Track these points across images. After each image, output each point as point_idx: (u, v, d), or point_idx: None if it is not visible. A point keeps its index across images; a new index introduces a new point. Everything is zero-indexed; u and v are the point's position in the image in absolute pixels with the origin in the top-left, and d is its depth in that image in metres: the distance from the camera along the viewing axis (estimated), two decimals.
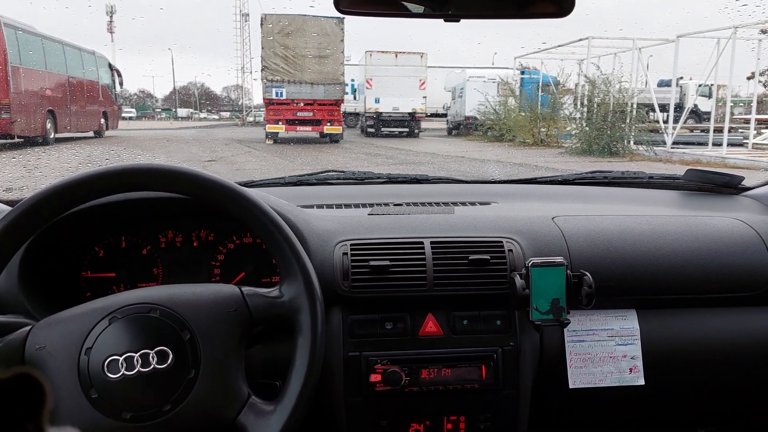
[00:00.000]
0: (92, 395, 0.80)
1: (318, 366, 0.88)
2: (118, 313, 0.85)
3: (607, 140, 13.32)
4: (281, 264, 0.92)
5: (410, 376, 1.08)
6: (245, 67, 37.34)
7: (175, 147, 13.35)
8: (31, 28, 12.10)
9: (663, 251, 1.21)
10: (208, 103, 58.10)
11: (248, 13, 36.81)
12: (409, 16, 0.95)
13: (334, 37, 16.59)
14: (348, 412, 1.09)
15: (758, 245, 1.25)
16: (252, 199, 0.91)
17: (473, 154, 13.21)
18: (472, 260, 1.11)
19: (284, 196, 1.15)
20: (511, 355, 1.11)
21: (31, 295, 1.03)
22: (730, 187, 1.54)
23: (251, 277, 1.20)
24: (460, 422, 1.12)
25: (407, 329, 1.10)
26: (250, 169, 9.35)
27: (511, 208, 1.38)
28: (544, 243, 1.18)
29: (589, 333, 1.19)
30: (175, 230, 1.21)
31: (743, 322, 1.24)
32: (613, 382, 1.18)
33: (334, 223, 1.17)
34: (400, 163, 11.25)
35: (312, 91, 16.55)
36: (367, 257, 1.10)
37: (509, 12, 0.96)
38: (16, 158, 9.21)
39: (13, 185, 5.74)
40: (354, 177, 1.59)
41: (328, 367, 1.05)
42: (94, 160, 8.90)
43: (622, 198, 1.52)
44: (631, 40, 14.22)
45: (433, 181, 1.60)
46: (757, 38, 12.51)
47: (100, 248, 1.19)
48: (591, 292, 1.05)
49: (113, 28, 32.75)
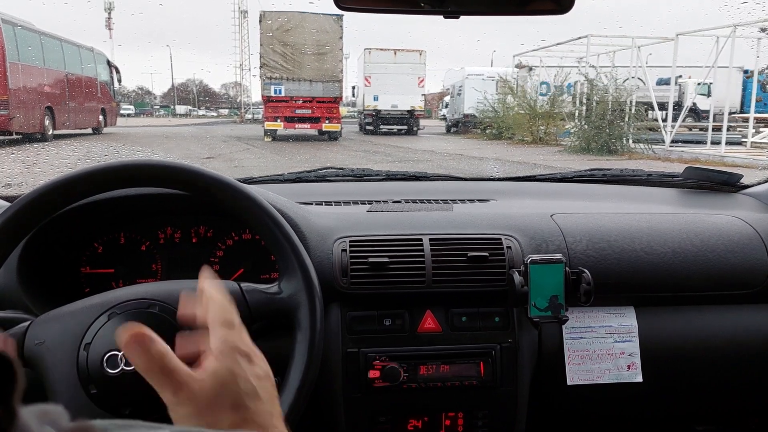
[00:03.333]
0: (91, 390, 0.80)
1: (317, 362, 0.88)
2: (117, 309, 0.85)
3: (605, 138, 13.33)
4: (280, 260, 0.92)
5: (409, 373, 1.08)
6: (244, 64, 37.35)
7: (174, 144, 13.33)
8: (29, 25, 12.08)
9: (661, 249, 1.21)
10: (207, 100, 58.07)
11: (247, 9, 36.83)
12: (409, 12, 0.95)
13: (333, 34, 16.58)
14: (346, 408, 1.09)
15: (756, 243, 1.25)
16: (251, 196, 0.91)
17: (472, 152, 13.22)
18: (470, 257, 1.11)
19: (283, 192, 1.15)
20: (509, 352, 1.11)
21: (30, 290, 1.03)
22: (728, 185, 1.55)
23: (250, 274, 1.20)
24: (459, 419, 1.13)
25: (406, 326, 1.10)
26: (248, 166, 9.34)
27: (509, 206, 1.38)
28: (542, 240, 1.18)
29: (588, 330, 1.19)
30: (174, 226, 1.21)
31: (741, 320, 1.24)
32: (611, 379, 1.19)
33: (333, 219, 1.17)
34: (399, 161, 11.25)
35: (311, 88, 16.54)
36: (366, 254, 1.10)
37: (508, 9, 0.96)
38: (14, 154, 9.20)
39: (11, 181, 5.74)
40: (353, 174, 1.59)
41: (327, 364, 1.06)
42: (93, 156, 8.90)
43: (620, 196, 1.52)
44: (631, 38, 14.22)
45: (432, 178, 1.60)
46: (757, 36, 12.53)
47: (99, 244, 1.19)
48: (589, 290, 1.05)
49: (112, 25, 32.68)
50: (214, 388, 0.52)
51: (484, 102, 18.53)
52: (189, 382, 0.52)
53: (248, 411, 0.53)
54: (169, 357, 0.51)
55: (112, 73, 15.88)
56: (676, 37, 13.25)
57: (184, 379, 0.51)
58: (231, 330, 0.56)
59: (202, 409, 0.51)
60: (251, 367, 0.55)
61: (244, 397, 0.53)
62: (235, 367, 0.54)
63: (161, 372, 0.51)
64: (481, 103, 18.70)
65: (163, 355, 0.51)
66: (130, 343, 0.50)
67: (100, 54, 15.56)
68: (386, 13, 0.97)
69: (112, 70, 15.87)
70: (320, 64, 16.52)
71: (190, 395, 0.51)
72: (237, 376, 0.53)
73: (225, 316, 0.57)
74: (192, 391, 0.51)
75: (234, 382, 0.53)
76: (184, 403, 0.51)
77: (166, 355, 0.51)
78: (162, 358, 0.51)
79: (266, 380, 0.56)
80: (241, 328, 0.58)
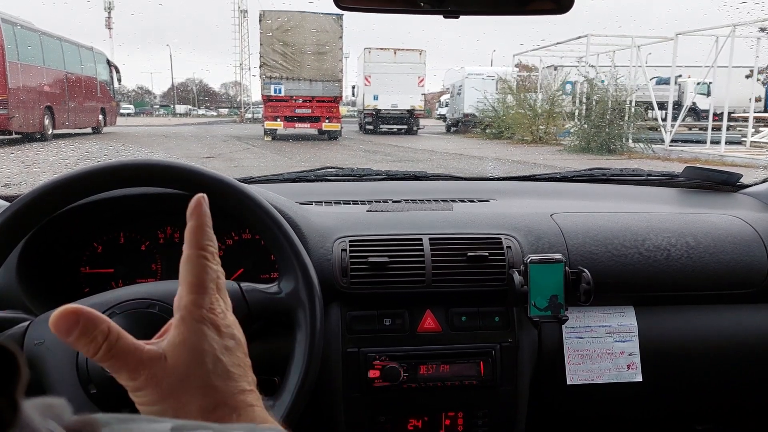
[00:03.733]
0: (91, 390, 0.80)
1: (316, 362, 0.88)
2: (116, 309, 0.85)
3: (605, 138, 13.33)
4: (280, 260, 0.92)
5: (409, 372, 1.08)
6: (244, 64, 37.33)
7: (174, 143, 13.33)
8: (29, 24, 12.07)
9: (661, 248, 1.21)
10: (207, 99, 58.05)
11: (247, 9, 36.80)
12: (409, 12, 0.95)
13: (333, 33, 16.57)
14: (346, 407, 1.09)
15: (756, 242, 1.25)
16: (251, 196, 0.91)
17: (472, 152, 13.22)
18: (470, 257, 1.11)
19: (283, 192, 1.15)
20: (509, 352, 1.11)
21: (29, 290, 1.03)
22: (728, 185, 1.55)
23: (250, 273, 1.20)
24: (459, 418, 1.13)
25: (406, 325, 1.10)
26: (248, 165, 9.34)
27: (509, 205, 1.38)
28: (542, 240, 1.18)
29: (587, 330, 1.19)
30: (174, 226, 1.21)
31: (741, 319, 1.24)
32: (610, 379, 1.19)
33: (333, 219, 1.17)
34: (399, 160, 11.25)
35: (310, 87, 16.54)
36: (366, 254, 1.10)
37: (508, 8, 0.96)
38: (14, 154, 9.20)
39: (11, 181, 5.74)
40: (353, 174, 1.59)
41: (327, 363, 1.06)
42: (92, 156, 8.89)
43: (620, 195, 1.52)
44: (630, 37, 14.22)
45: (432, 177, 1.60)
46: (756, 36, 12.53)
47: (99, 244, 1.19)
48: (589, 289, 1.05)
49: (111, 24, 32.69)
50: (178, 369, 0.46)
51: (484, 101, 18.54)
52: (147, 363, 0.45)
53: (218, 392, 0.46)
54: (115, 335, 0.44)
55: (112, 72, 15.88)
56: (676, 36, 13.25)
57: (140, 358, 0.45)
58: (199, 294, 0.49)
59: (166, 394, 0.45)
60: (221, 340, 0.48)
61: (212, 377, 0.46)
62: (201, 342, 0.47)
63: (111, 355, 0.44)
64: (481, 102, 18.71)
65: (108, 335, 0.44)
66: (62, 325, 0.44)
67: (100, 53, 15.56)
68: (386, 13, 0.97)
69: (111, 70, 15.88)
70: (320, 63, 16.51)
71: (150, 379, 0.45)
72: (204, 353, 0.47)
73: (195, 274, 0.49)
74: (153, 374, 0.45)
75: (200, 361, 0.46)
76: (145, 387, 0.45)
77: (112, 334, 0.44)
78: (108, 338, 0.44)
79: (238, 351, 0.49)
80: (213, 292, 0.50)
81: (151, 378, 0.45)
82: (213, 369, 0.47)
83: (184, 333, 0.47)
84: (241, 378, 0.49)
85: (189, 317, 0.48)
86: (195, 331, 0.47)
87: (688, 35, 13.28)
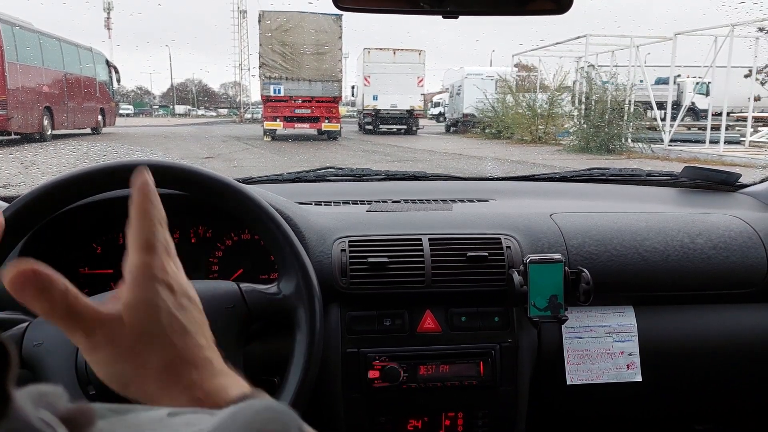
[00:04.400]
0: (90, 392, 0.80)
1: (316, 362, 0.88)
2: None
3: (604, 138, 13.33)
4: (279, 261, 0.92)
5: (408, 373, 1.08)
6: (243, 64, 37.30)
7: (173, 144, 13.33)
8: (28, 25, 12.06)
9: (660, 248, 1.21)
10: (206, 100, 58.04)
11: (246, 9, 36.78)
12: (408, 12, 0.95)
13: (332, 34, 16.57)
14: (346, 408, 1.09)
15: (755, 242, 1.25)
16: (250, 196, 0.91)
17: (471, 152, 13.22)
18: (470, 257, 1.11)
19: (282, 192, 1.15)
20: (509, 352, 1.11)
21: None
22: (727, 185, 1.55)
23: (249, 274, 1.20)
24: (458, 418, 1.13)
25: (405, 326, 1.10)
26: (247, 166, 9.33)
27: (509, 205, 1.38)
28: (542, 240, 1.18)
29: (587, 329, 1.19)
30: (173, 227, 1.20)
31: (740, 319, 1.24)
32: (610, 379, 1.19)
33: (333, 219, 1.17)
34: (398, 160, 11.25)
35: (310, 88, 16.53)
36: (366, 254, 1.10)
37: (508, 9, 0.96)
38: (13, 155, 9.19)
39: (10, 181, 5.73)
40: (352, 174, 1.59)
41: (327, 364, 1.05)
42: (92, 156, 8.89)
43: (619, 195, 1.52)
44: (629, 37, 14.22)
45: (431, 178, 1.60)
46: (755, 36, 12.54)
47: (98, 245, 1.19)
48: (589, 289, 1.05)
49: (111, 25, 32.68)
50: (135, 325, 0.46)
51: (484, 101, 18.54)
52: (103, 321, 0.45)
53: (176, 348, 0.47)
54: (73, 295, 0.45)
55: (111, 72, 15.85)
56: (675, 36, 13.26)
57: (97, 318, 0.45)
58: (149, 255, 0.49)
59: (124, 351, 0.45)
60: (174, 298, 0.48)
61: (169, 333, 0.47)
62: (155, 299, 0.47)
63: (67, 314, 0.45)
64: (481, 102, 18.72)
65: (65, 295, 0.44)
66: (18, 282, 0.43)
67: (99, 54, 15.54)
68: (385, 13, 0.97)
69: (110, 70, 15.85)
70: (319, 63, 16.51)
71: (107, 336, 0.45)
72: (158, 309, 0.47)
73: (143, 237, 0.49)
74: (109, 332, 0.45)
75: (155, 318, 0.46)
76: (101, 346, 0.45)
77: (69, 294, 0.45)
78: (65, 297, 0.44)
79: (193, 310, 0.50)
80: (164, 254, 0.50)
81: (107, 336, 0.45)
82: (169, 325, 0.47)
83: (137, 292, 0.47)
84: (197, 334, 0.49)
85: (141, 276, 0.48)
86: (148, 288, 0.47)
87: (686, 35, 13.29)
